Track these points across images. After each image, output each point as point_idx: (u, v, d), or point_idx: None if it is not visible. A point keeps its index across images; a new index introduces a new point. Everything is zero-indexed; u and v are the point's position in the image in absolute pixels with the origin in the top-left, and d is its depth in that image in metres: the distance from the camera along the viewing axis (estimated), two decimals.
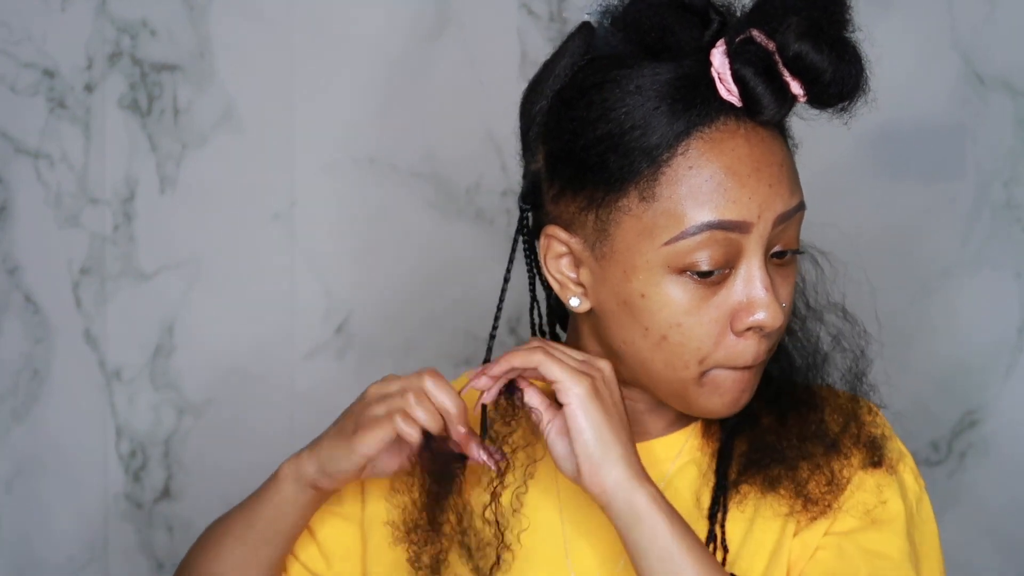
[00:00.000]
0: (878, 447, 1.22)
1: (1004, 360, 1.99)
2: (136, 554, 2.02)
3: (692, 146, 1.11)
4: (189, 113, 1.98)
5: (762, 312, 1.12)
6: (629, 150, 1.11)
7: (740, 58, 1.10)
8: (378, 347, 2.00)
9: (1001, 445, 1.99)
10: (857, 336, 1.25)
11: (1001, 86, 1.96)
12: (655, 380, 1.17)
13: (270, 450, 1.99)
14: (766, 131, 1.14)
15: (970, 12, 1.95)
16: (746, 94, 1.11)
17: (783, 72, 1.10)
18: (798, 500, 1.20)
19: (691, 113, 1.11)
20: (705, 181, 1.11)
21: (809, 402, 1.23)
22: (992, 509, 2.00)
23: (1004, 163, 1.97)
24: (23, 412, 1.96)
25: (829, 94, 1.11)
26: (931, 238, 1.98)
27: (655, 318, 1.13)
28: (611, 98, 1.12)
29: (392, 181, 1.99)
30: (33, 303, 1.97)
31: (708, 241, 1.11)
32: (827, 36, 1.09)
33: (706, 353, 1.13)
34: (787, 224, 1.14)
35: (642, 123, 1.11)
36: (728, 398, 1.16)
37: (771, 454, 1.21)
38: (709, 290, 1.13)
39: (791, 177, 1.15)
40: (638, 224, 1.12)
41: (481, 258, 1.98)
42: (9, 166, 1.95)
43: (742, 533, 1.21)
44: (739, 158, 1.11)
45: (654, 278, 1.12)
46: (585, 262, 1.17)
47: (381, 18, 1.98)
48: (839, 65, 1.09)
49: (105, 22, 1.97)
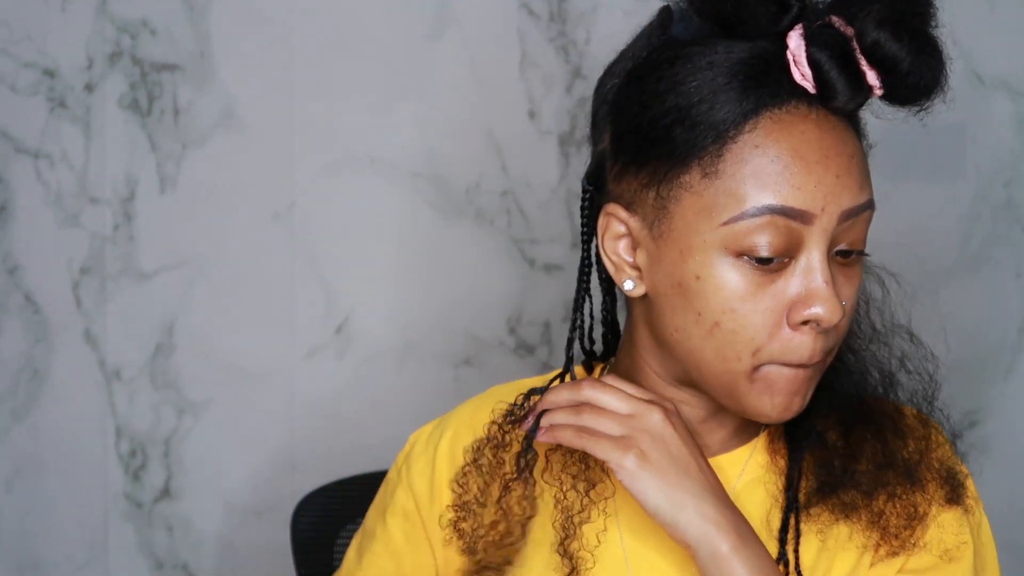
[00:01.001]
0: (958, 483, 1.19)
1: (1004, 360, 1.99)
2: (136, 554, 2.02)
3: (760, 125, 1.08)
4: (189, 113, 1.98)
5: (820, 306, 1.08)
6: (695, 123, 1.08)
7: (816, 42, 1.07)
8: (378, 347, 2.00)
9: (1001, 445, 1.99)
10: (923, 359, 1.22)
11: (1001, 86, 1.96)
12: (706, 373, 1.12)
13: (270, 450, 1.99)
14: (838, 121, 1.10)
15: (970, 12, 1.95)
16: (820, 79, 1.08)
17: (859, 60, 1.07)
18: (875, 531, 1.16)
19: (762, 92, 1.08)
20: (770, 162, 1.07)
21: (878, 421, 1.19)
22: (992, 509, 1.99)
23: (1004, 163, 1.97)
24: (23, 412, 1.96)
25: (905, 86, 1.08)
26: (931, 238, 1.98)
27: (709, 302, 1.09)
28: (682, 72, 1.09)
29: (392, 181, 1.99)
30: (33, 303, 1.97)
31: (768, 226, 1.07)
32: (907, 26, 1.07)
33: (760, 344, 1.09)
34: (854, 221, 1.10)
35: (711, 97, 1.08)
36: (780, 399, 1.11)
37: (844, 478, 1.17)
38: (766, 278, 1.08)
39: (862, 172, 1.11)
40: (699, 202, 1.09)
41: (481, 258, 1.98)
42: (9, 166, 1.95)
43: (813, 558, 1.18)
44: (807, 142, 1.08)
45: (710, 259, 1.09)
46: (642, 243, 1.13)
47: (381, 18, 1.98)
48: (917, 56, 1.07)
49: (105, 22, 1.97)
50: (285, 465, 2.00)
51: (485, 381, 1.31)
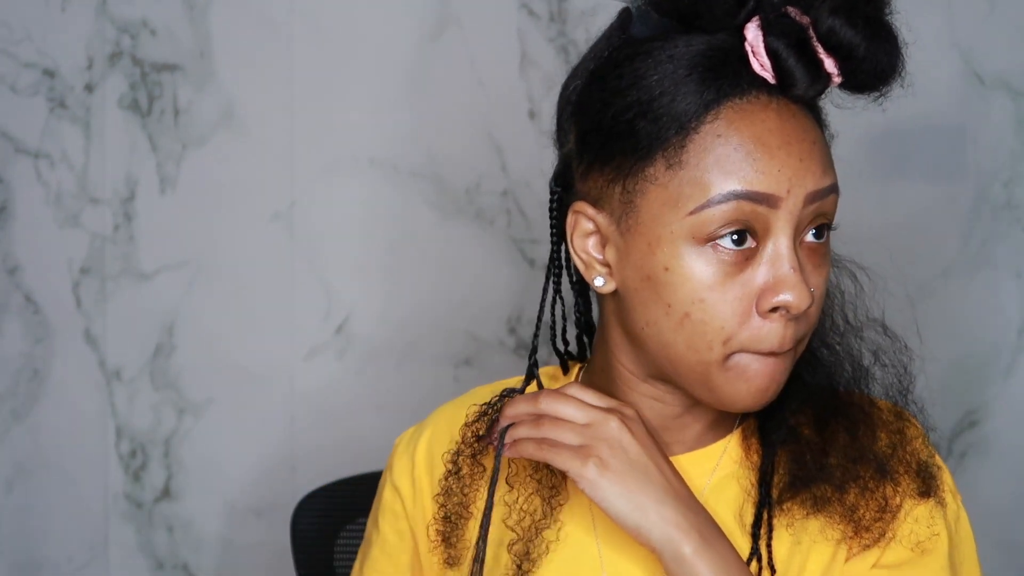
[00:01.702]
0: (931, 476, 1.19)
1: (1004, 360, 1.99)
2: (136, 554, 2.02)
3: (722, 115, 1.09)
4: (189, 113, 1.98)
5: (788, 292, 1.09)
6: (658, 116, 1.10)
7: (774, 32, 1.09)
8: (378, 347, 2.00)
9: (1001, 445, 1.99)
10: (898, 352, 1.22)
11: (1001, 86, 1.96)
12: (679, 366, 1.13)
13: (270, 450, 1.99)
14: (799, 109, 1.12)
15: (970, 12, 1.95)
16: (778, 68, 1.10)
17: (816, 48, 1.09)
18: (849, 525, 1.17)
19: (722, 83, 1.09)
20: (733, 150, 1.09)
21: (852, 415, 1.20)
22: (992, 509, 2.00)
23: (1004, 163, 1.97)
24: (23, 412, 1.96)
25: (863, 72, 1.09)
26: (931, 238, 1.98)
27: (678, 293, 1.10)
28: (643, 67, 1.11)
29: (392, 181, 1.99)
30: (33, 303, 1.97)
31: (734, 212, 1.08)
32: (862, 13, 1.08)
33: (730, 333, 1.10)
34: (819, 204, 1.11)
35: (672, 89, 1.09)
36: (754, 385, 1.12)
37: (817, 472, 1.17)
38: (735, 267, 1.09)
39: (824, 157, 1.12)
40: (664, 193, 1.10)
41: (481, 258, 1.98)
42: (9, 166, 1.95)
43: (787, 552, 1.18)
44: (769, 130, 1.09)
45: (678, 250, 1.10)
46: (611, 239, 1.14)
47: (382, 18, 1.98)
48: (873, 42, 1.08)
49: (105, 22, 1.97)
50: (285, 465, 2.00)
51: (485, 381, 1.31)
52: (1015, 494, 1.99)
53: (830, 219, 1.13)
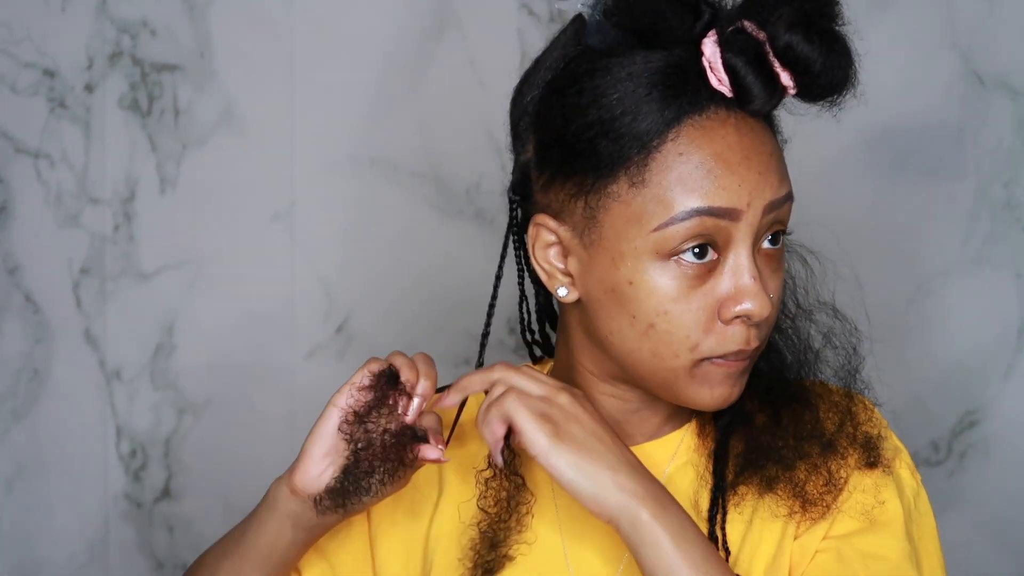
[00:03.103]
0: (874, 447, 1.22)
1: (1004, 360, 1.99)
2: (136, 554, 2.02)
3: (683, 133, 1.12)
4: (189, 113, 1.98)
5: (749, 301, 1.13)
6: (620, 135, 1.12)
7: (731, 48, 1.11)
8: (378, 347, 1.99)
9: (1001, 445, 1.99)
10: (848, 334, 1.25)
11: (1001, 86, 1.96)
12: (642, 371, 1.17)
13: (270, 450, 1.99)
14: (756, 122, 1.14)
15: (970, 12, 1.95)
16: (736, 84, 1.12)
17: (773, 62, 1.11)
18: (796, 501, 1.19)
19: (682, 100, 1.12)
20: (695, 168, 1.11)
21: (803, 399, 1.23)
22: (992, 509, 2.00)
23: (1004, 163, 1.97)
24: (23, 412, 1.96)
25: (819, 85, 1.11)
26: (931, 238, 1.98)
27: (642, 306, 1.13)
28: (602, 84, 1.13)
29: (392, 181, 1.99)
30: (33, 303, 1.97)
31: (697, 227, 1.11)
32: (817, 27, 1.10)
33: (696, 341, 1.13)
34: (776, 213, 1.14)
35: (633, 109, 1.12)
36: (718, 392, 1.16)
37: (767, 454, 1.20)
38: (698, 279, 1.13)
39: (780, 167, 1.15)
40: (627, 210, 1.13)
41: (481, 258, 1.98)
42: (9, 166, 1.95)
43: (741, 534, 1.21)
44: (729, 146, 1.12)
45: (642, 265, 1.13)
46: (573, 251, 1.17)
47: (381, 18, 1.98)
48: (829, 56, 1.10)
49: (105, 22, 1.97)
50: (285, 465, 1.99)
51: None
52: (1015, 494, 1.99)
53: (785, 225, 1.16)
